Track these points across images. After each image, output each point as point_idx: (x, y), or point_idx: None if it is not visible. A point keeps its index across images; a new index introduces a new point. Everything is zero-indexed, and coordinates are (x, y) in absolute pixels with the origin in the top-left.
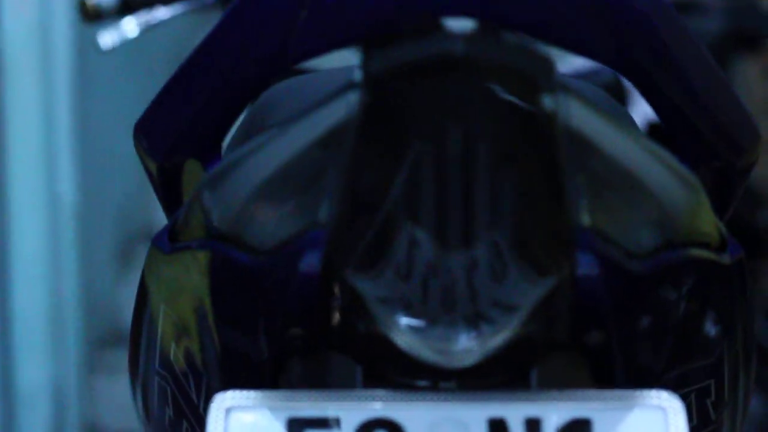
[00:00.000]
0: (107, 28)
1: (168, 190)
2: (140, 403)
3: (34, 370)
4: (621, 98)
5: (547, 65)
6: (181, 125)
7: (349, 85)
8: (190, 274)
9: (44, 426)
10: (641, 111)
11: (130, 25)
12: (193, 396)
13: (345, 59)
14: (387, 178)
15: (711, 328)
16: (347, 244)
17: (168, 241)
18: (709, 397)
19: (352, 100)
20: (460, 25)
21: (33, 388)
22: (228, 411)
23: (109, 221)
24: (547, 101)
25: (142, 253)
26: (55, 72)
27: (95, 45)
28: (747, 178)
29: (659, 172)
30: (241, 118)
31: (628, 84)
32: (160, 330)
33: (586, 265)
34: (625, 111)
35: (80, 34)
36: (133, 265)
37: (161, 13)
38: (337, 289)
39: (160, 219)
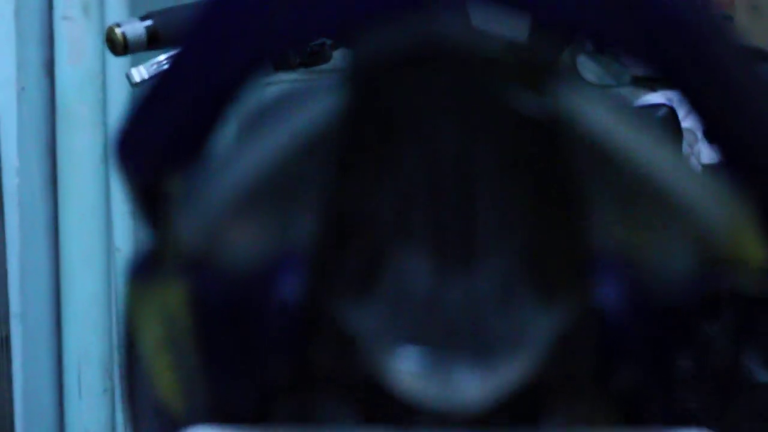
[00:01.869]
0: (138, 64)
1: (152, 211)
2: None
3: (89, 417)
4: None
5: (557, 59)
6: (162, 139)
7: (331, 81)
8: (169, 305)
9: None
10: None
11: (162, 60)
12: None
13: None
14: (373, 190)
15: (758, 364)
16: (332, 269)
17: (145, 268)
18: None
19: (334, 99)
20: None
21: None
22: None
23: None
24: (559, 98)
25: None
26: (110, 122)
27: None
28: None
29: (694, 185)
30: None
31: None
32: (145, 367)
33: (609, 292)
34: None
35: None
36: None
37: None
38: (324, 322)
39: None
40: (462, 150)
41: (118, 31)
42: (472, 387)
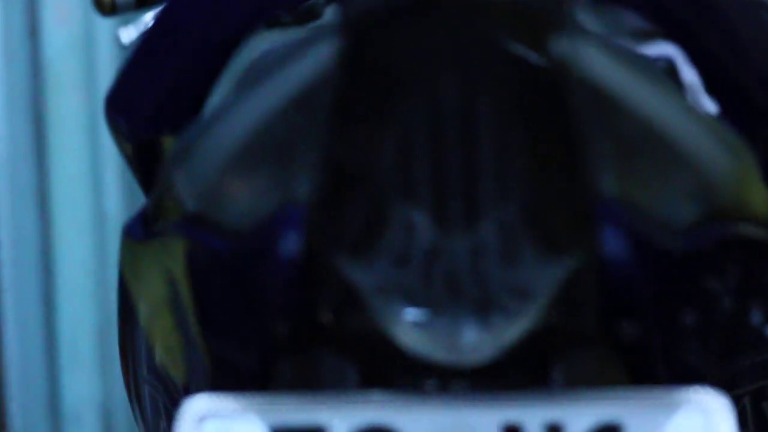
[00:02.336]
0: (127, 24)
1: (147, 171)
2: (137, 413)
3: (81, 386)
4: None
5: (560, 3)
6: (155, 98)
7: (325, 33)
8: (166, 264)
9: None
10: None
11: (152, 19)
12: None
13: None
14: (374, 143)
15: (765, 319)
16: (332, 224)
17: (141, 228)
18: (766, 400)
19: (329, 50)
20: None
21: (80, 405)
22: (201, 419)
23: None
24: (561, 46)
25: None
26: (99, 85)
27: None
28: None
29: (700, 133)
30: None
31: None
32: (144, 332)
33: (613, 242)
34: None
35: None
36: None
37: None
38: (325, 278)
39: None
40: (463, 100)
41: None
42: (477, 339)
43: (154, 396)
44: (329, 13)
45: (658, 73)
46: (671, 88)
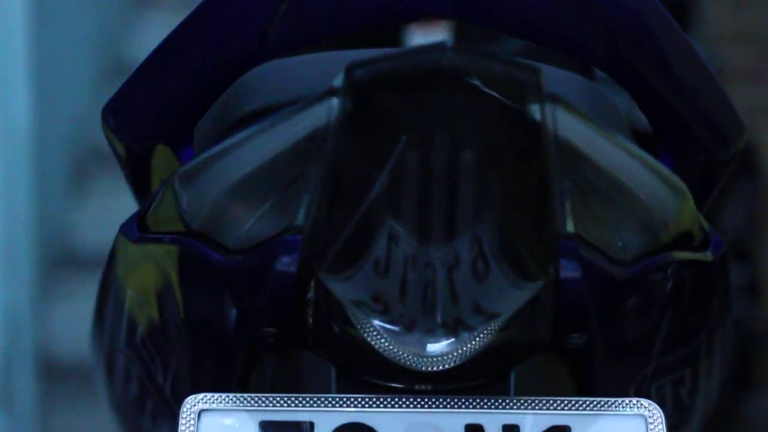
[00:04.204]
0: None
1: (137, 174)
2: (103, 378)
3: None
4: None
5: (535, 75)
6: (153, 110)
7: (332, 91)
8: (161, 266)
9: None
10: None
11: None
12: (159, 378)
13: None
14: (369, 176)
15: (692, 324)
16: (324, 243)
17: (137, 230)
18: (684, 386)
19: (334, 105)
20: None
21: None
22: (200, 414)
23: (63, 144)
24: (535, 110)
25: (95, 176)
26: None
27: None
28: (731, 168)
29: (646, 178)
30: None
31: None
32: (126, 312)
33: (569, 271)
34: (616, 113)
35: None
36: (86, 188)
37: None
38: (312, 290)
39: None
40: (451, 147)
41: None
42: (445, 351)
43: (128, 365)
44: (337, 78)
45: (616, 123)
46: (624, 140)
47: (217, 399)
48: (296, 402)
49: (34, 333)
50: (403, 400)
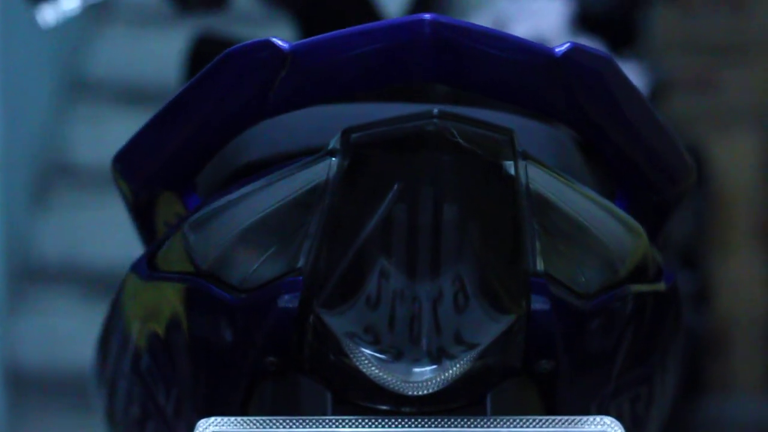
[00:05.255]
0: (47, 4)
1: (142, 216)
2: (105, 403)
3: None
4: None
5: (509, 135)
6: (161, 160)
7: (330, 151)
8: (169, 300)
9: None
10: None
11: (72, 1)
12: (162, 401)
13: None
14: (362, 224)
15: (647, 347)
16: (322, 282)
17: (147, 269)
18: (641, 401)
19: (332, 163)
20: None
21: None
22: None
23: (26, 158)
24: (509, 166)
25: (59, 188)
26: None
27: None
28: (680, 204)
29: (604, 220)
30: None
31: None
32: (132, 341)
33: (539, 304)
34: (577, 158)
35: None
36: (50, 201)
37: None
38: (310, 323)
39: (79, 154)
40: (435, 196)
41: None
42: (428, 378)
43: (131, 389)
44: (334, 140)
45: (580, 173)
46: (584, 188)
47: (228, 422)
48: (298, 424)
49: (0, 346)
50: (392, 421)
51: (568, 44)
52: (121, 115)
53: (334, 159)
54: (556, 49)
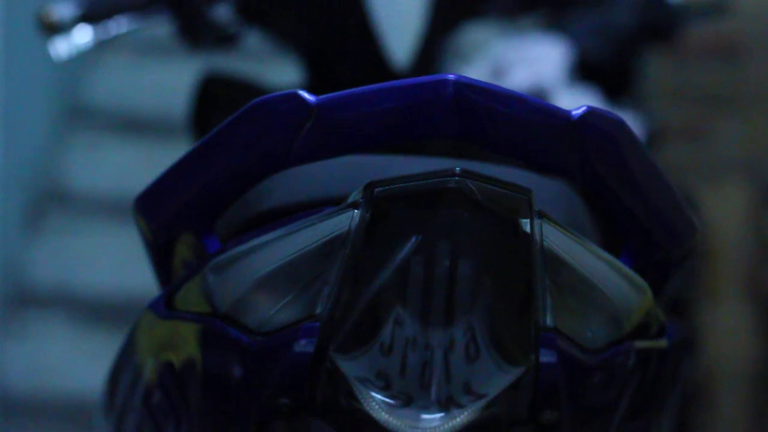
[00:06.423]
0: (60, 38)
1: (160, 256)
2: (112, 428)
3: None
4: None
5: (527, 195)
6: (182, 203)
7: (353, 204)
8: (185, 339)
9: None
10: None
11: (85, 36)
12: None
13: None
14: (380, 274)
15: (646, 402)
16: (338, 327)
17: (165, 308)
18: None
19: (354, 215)
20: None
21: None
22: None
23: (22, 180)
24: (525, 224)
25: (53, 214)
26: None
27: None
28: (685, 264)
29: (612, 277)
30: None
31: None
32: (145, 376)
33: (547, 357)
34: (587, 218)
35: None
36: (43, 226)
37: (118, 27)
38: (324, 368)
39: (74, 181)
40: (452, 251)
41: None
42: (438, 422)
43: (140, 422)
44: (356, 192)
45: (589, 230)
46: (594, 246)
47: None
48: None
49: None
50: None
51: (584, 107)
52: (119, 144)
53: (356, 211)
54: (573, 112)
